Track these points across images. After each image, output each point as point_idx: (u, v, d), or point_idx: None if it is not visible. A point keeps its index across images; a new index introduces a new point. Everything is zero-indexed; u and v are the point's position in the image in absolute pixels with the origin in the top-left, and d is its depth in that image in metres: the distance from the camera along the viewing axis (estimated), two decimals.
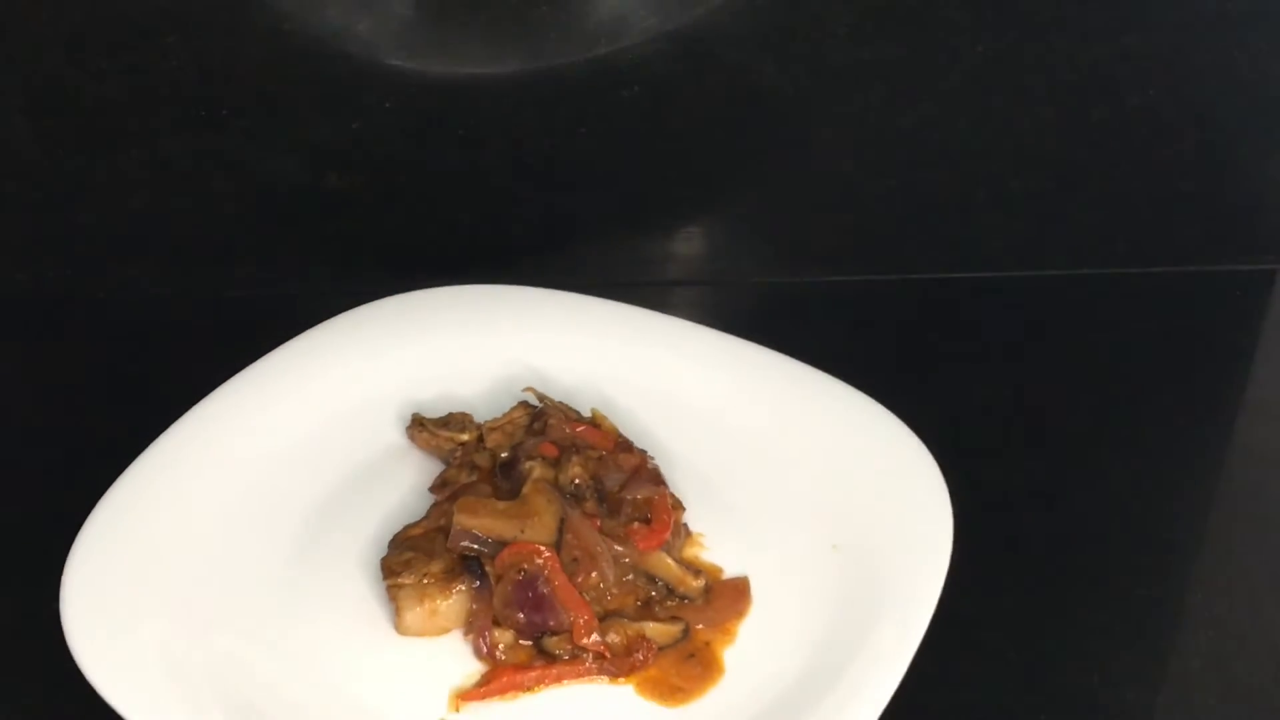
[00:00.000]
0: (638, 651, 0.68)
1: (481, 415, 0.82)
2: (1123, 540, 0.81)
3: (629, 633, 0.68)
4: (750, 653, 0.69)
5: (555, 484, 0.73)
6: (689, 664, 0.68)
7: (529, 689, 0.67)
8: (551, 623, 0.68)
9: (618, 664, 0.68)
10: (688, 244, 1.02)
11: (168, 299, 1.00)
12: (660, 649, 0.68)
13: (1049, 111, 0.97)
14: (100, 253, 0.98)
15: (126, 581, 0.69)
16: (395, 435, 0.83)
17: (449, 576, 0.69)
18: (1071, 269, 1.03)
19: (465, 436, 0.79)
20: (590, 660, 0.67)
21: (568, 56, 0.92)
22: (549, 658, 0.68)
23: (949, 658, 0.74)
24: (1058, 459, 0.88)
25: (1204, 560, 0.82)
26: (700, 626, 0.70)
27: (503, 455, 0.77)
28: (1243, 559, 0.81)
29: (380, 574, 0.70)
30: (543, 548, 0.69)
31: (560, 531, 0.70)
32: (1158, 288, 1.03)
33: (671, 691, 0.67)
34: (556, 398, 0.81)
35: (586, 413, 0.81)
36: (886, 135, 0.97)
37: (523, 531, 0.69)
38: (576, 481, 0.73)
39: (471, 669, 0.68)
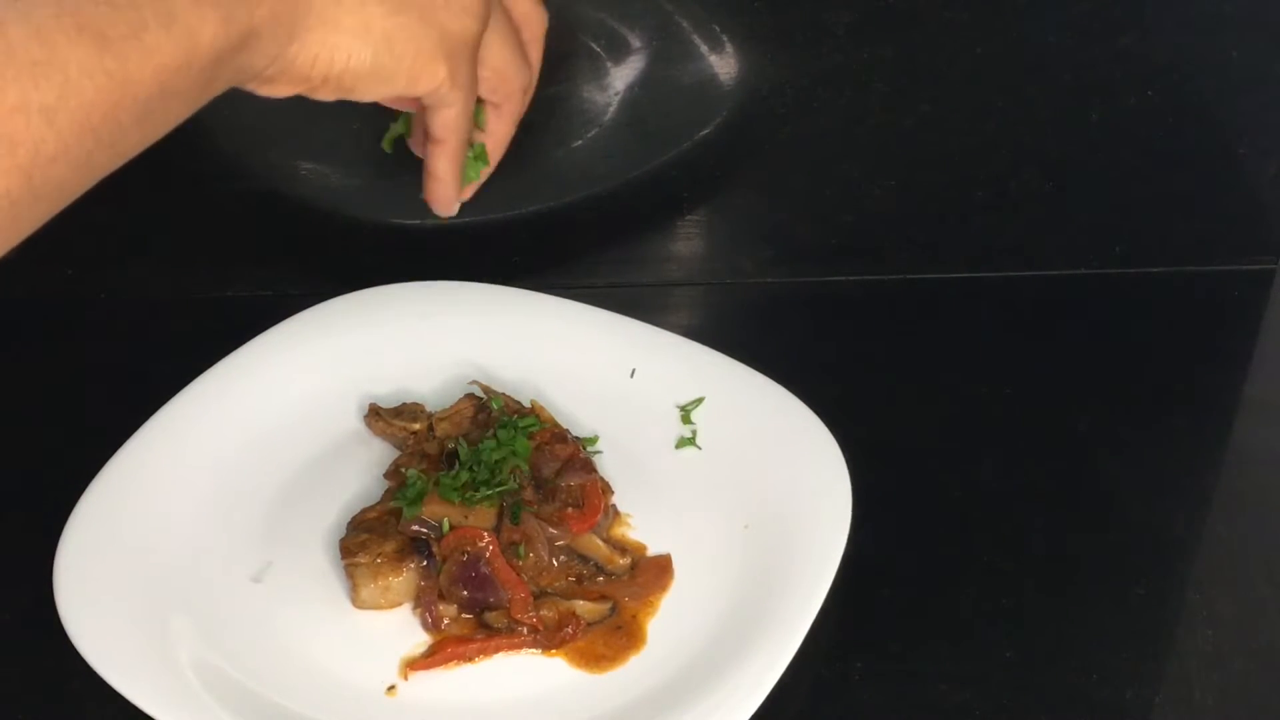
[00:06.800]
0: (568, 626, 0.74)
1: (433, 406, 0.85)
2: (1121, 540, 0.82)
3: (561, 609, 0.74)
4: (670, 623, 0.75)
5: None
6: (616, 635, 0.74)
7: (470, 659, 0.73)
8: (491, 599, 0.74)
9: (550, 637, 0.74)
10: (688, 244, 1.02)
11: (168, 299, 1.00)
12: (589, 625, 0.74)
13: (1048, 111, 0.97)
14: (100, 253, 0.98)
15: (111, 559, 0.75)
16: (355, 423, 0.87)
17: (400, 556, 0.75)
18: (1071, 269, 1.03)
19: (417, 426, 0.84)
20: (526, 633, 0.73)
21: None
22: (489, 631, 0.74)
23: (948, 657, 0.74)
24: (1057, 459, 0.88)
25: (1203, 560, 0.82)
26: (627, 599, 0.76)
27: (450, 445, 0.81)
28: (1242, 559, 0.81)
29: (339, 553, 0.76)
30: (484, 532, 0.75)
31: (500, 518, 0.76)
32: (1157, 288, 1.03)
33: (598, 660, 0.73)
34: (501, 390, 0.85)
35: (528, 404, 0.84)
36: (886, 135, 0.97)
37: (467, 518, 0.75)
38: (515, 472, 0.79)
39: (419, 640, 0.74)
